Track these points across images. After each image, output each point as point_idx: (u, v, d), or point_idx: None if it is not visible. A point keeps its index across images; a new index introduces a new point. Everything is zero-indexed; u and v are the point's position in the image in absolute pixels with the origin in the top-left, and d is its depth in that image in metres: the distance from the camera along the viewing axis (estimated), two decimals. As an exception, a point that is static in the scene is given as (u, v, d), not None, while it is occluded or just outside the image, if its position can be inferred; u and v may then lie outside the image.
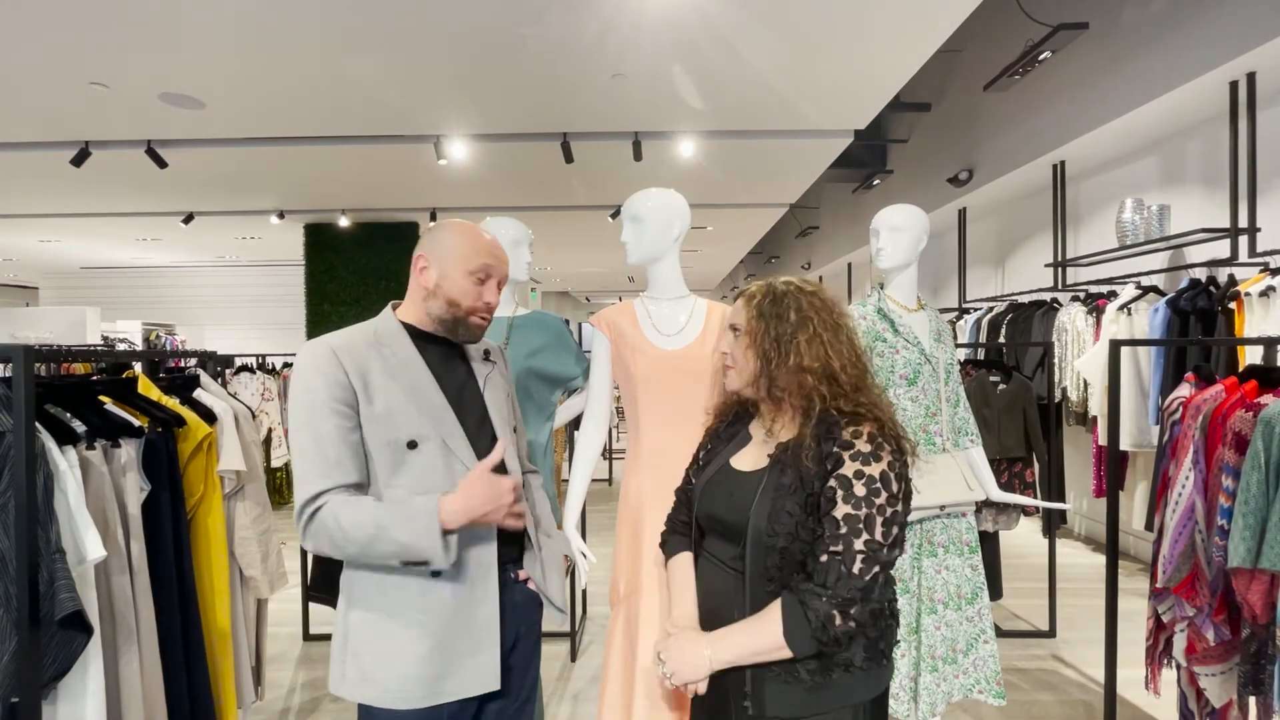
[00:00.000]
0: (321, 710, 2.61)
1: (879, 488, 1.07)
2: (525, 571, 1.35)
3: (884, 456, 1.09)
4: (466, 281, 1.28)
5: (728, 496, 1.18)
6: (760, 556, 1.11)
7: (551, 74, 4.03)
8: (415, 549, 1.13)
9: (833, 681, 1.08)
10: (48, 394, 1.57)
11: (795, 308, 1.16)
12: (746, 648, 1.10)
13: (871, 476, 1.07)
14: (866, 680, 1.10)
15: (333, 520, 1.14)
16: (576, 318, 19.70)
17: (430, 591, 1.20)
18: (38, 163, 5.47)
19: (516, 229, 2.10)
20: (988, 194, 5.71)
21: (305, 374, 1.20)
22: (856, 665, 1.08)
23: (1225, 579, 1.65)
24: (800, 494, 1.09)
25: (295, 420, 1.20)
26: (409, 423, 1.21)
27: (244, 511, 2.04)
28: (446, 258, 1.29)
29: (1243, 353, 3.16)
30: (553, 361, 2.05)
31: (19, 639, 1.29)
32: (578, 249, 10.25)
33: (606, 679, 1.66)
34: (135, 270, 11.45)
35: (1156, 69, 3.73)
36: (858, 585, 1.04)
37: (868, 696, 1.11)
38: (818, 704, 1.08)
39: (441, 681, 1.19)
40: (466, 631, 1.21)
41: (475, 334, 1.33)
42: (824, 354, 1.14)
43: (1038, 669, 2.92)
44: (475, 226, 1.36)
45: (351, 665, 1.20)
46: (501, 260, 1.33)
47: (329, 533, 1.14)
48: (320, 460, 1.16)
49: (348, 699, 1.20)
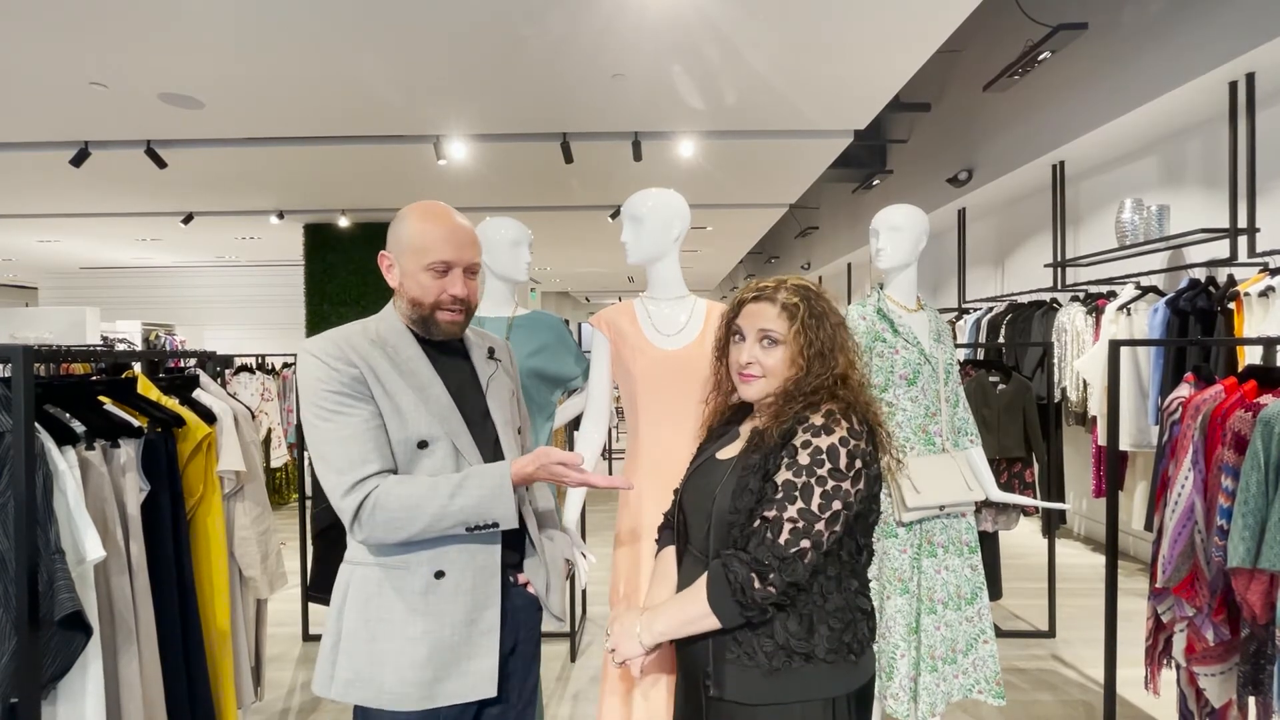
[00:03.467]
0: (321, 710, 2.61)
1: (824, 459, 1.06)
2: (526, 576, 1.33)
3: (836, 430, 1.08)
4: (424, 278, 1.22)
5: (704, 483, 1.20)
6: (723, 535, 1.11)
7: (551, 74, 4.03)
8: (488, 512, 1.15)
9: (794, 670, 1.07)
10: (47, 394, 1.57)
11: (829, 317, 1.18)
12: (676, 618, 1.11)
13: (818, 447, 1.07)
14: (835, 674, 1.09)
15: (389, 504, 1.12)
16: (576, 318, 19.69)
17: (433, 593, 1.19)
18: (38, 163, 5.46)
19: (516, 229, 2.10)
20: (987, 194, 5.71)
21: (317, 368, 1.17)
22: (819, 657, 1.07)
23: (1225, 579, 1.65)
24: (761, 470, 1.10)
25: (315, 413, 1.16)
26: (419, 423, 1.20)
27: (243, 512, 2.03)
28: (404, 254, 1.23)
29: (1242, 353, 3.16)
30: (552, 361, 2.05)
31: (19, 639, 1.29)
32: (578, 249, 10.25)
33: (606, 679, 1.66)
34: (135, 270, 11.43)
35: (1156, 69, 3.73)
36: (778, 554, 1.03)
37: (840, 691, 1.09)
38: (780, 692, 1.07)
39: (438, 685, 1.17)
40: (467, 636, 1.20)
41: (449, 330, 1.26)
42: (851, 359, 1.17)
43: (1038, 669, 2.91)
44: (435, 210, 1.25)
45: (343, 666, 1.18)
46: (463, 245, 1.24)
47: (389, 514, 1.12)
48: (358, 446, 1.14)
49: (336, 700, 1.18)
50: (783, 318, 1.16)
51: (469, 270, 1.26)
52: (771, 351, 1.17)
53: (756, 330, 1.18)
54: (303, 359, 1.19)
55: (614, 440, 8.03)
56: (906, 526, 1.91)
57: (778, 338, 1.16)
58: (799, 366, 1.15)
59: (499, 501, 1.15)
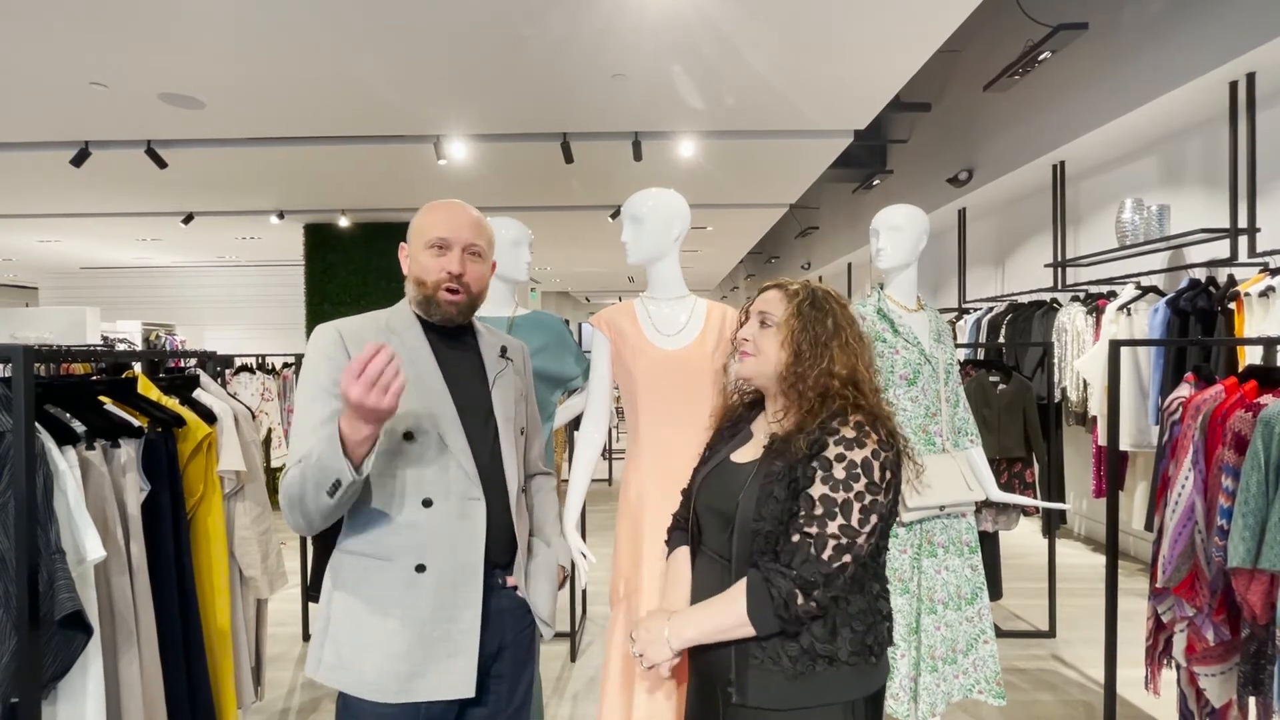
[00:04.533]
0: (321, 710, 2.61)
1: (859, 473, 1.07)
2: (514, 578, 1.32)
3: (868, 444, 1.09)
4: (425, 257, 1.27)
5: (723, 487, 1.20)
6: (745, 541, 1.12)
7: (551, 74, 4.03)
8: (327, 468, 1.07)
9: (817, 674, 1.07)
10: (47, 394, 1.57)
11: (833, 315, 1.19)
12: (709, 624, 1.11)
13: (853, 461, 1.07)
14: (855, 677, 1.09)
15: (286, 481, 1.14)
16: (576, 318, 19.70)
17: (413, 587, 1.19)
18: (38, 163, 5.47)
19: (516, 229, 2.10)
20: (987, 194, 5.71)
21: (310, 357, 1.23)
22: (842, 660, 1.07)
23: (1225, 579, 1.65)
24: (787, 479, 1.10)
25: (297, 402, 1.23)
26: (408, 414, 1.21)
27: (244, 512, 2.04)
28: (412, 239, 1.30)
29: (1242, 353, 3.16)
30: (553, 361, 2.05)
31: (19, 639, 1.29)
32: (578, 249, 10.25)
33: (606, 679, 1.66)
34: (135, 270, 11.44)
35: (1156, 69, 3.73)
36: (823, 570, 1.04)
37: (859, 694, 1.10)
38: (801, 696, 1.07)
39: (416, 680, 1.17)
40: (446, 633, 1.19)
41: (448, 310, 1.28)
42: (853, 362, 1.17)
43: (1038, 669, 2.91)
44: (445, 202, 1.32)
45: (329, 650, 1.19)
46: (462, 225, 1.28)
47: (284, 497, 1.14)
48: (313, 435, 1.17)
49: (322, 683, 1.20)
50: (782, 301, 1.22)
51: (469, 250, 1.28)
52: (766, 332, 1.22)
53: (758, 312, 1.24)
54: (310, 341, 1.26)
55: (614, 440, 8.03)
56: (907, 526, 1.91)
57: (772, 320, 1.21)
58: (790, 351, 1.17)
59: (331, 454, 1.07)
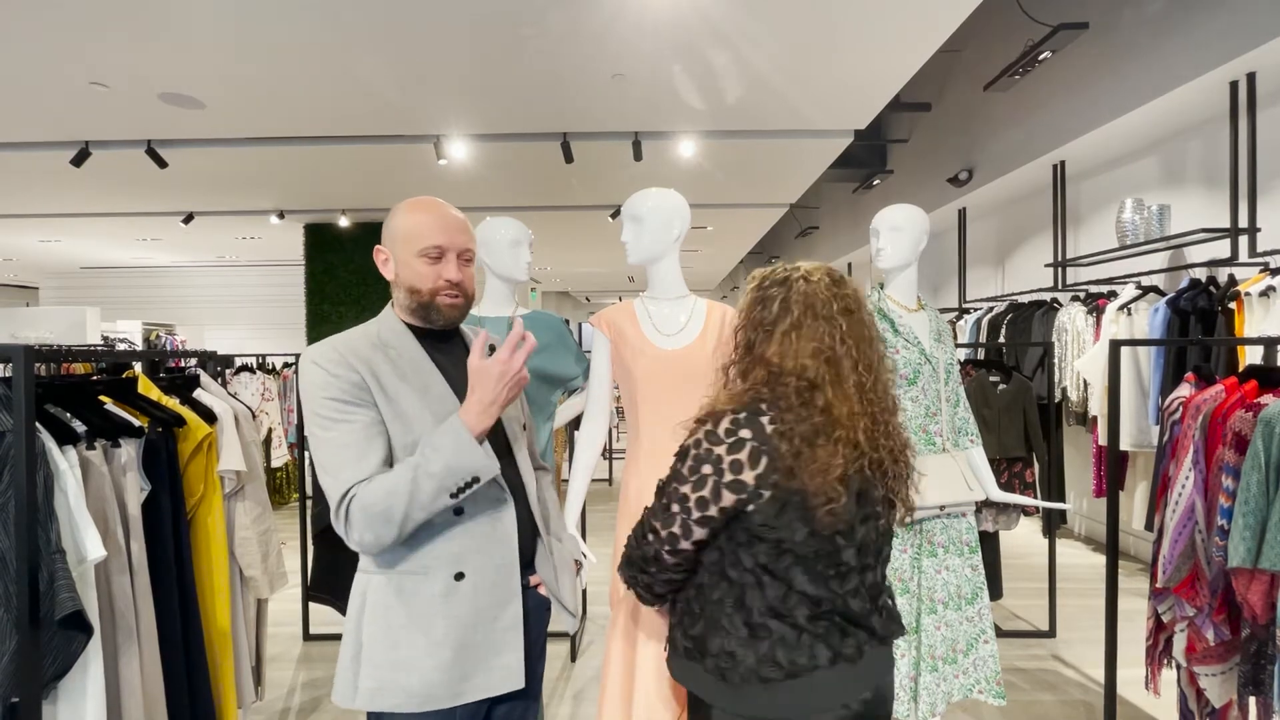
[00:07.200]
0: (321, 710, 2.61)
1: (677, 464, 1.10)
2: (537, 576, 1.33)
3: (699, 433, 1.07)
4: (418, 264, 1.23)
5: None
6: None
7: (552, 74, 4.02)
8: (459, 469, 1.10)
9: (692, 667, 1.11)
10: (48, 394, 1.58)
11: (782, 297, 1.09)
12: None
13: (685, 450, 1.09)
14: (721, 690, 1.07)
15: (369, 499, 1.10)
16: (576, 318, 19.69)
17: (453, 595, 1.18)
18: (38, 163, 5.46)
19: (516, 229, 2.10)
20: (988, 194, 5.71)
21: (317, 376, 1.17)
22: (707, 670, 1.09)
23: (1225, 579, 1.65)
24: None
25: (318, 423, 1.15)
26: (422, 425, 1.19)
27: (244, 511, 2.04)
28: (397, 244, 1.25)
29: (1243, 353, 3.16)
30: (553, 361, 2.05)
31: (19, 639, 1.29)
32: (578, 249, 10.25)
33: (606, 679, 1.66)
34: (135, 270, 11.44)
35: (1156, 69, 3.73)
36: (633, 551, 1.17)
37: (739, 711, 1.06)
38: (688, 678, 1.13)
39: (464, 683, 1.18)
40: (489, 634, 1.20)
41: (449, 315, 1.26)
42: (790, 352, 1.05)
43: (1038, 669, 2.91)
44: (426, 201, 1.27)
45: (366, 677, 1.16)
46: (455, 230, 1.25)
47: (369, 515, 1.09)
48: (355, 451, 1.13)
49: (362, 709, 1.17)
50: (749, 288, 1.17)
51: (462, 256, 1.26)
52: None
53: None
54: (304, 367, 1.19)
55: (614, 440, 8.03)
56: (907, 527, 1.91)
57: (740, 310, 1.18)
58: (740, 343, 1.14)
59: (465, 451, 1.10)
